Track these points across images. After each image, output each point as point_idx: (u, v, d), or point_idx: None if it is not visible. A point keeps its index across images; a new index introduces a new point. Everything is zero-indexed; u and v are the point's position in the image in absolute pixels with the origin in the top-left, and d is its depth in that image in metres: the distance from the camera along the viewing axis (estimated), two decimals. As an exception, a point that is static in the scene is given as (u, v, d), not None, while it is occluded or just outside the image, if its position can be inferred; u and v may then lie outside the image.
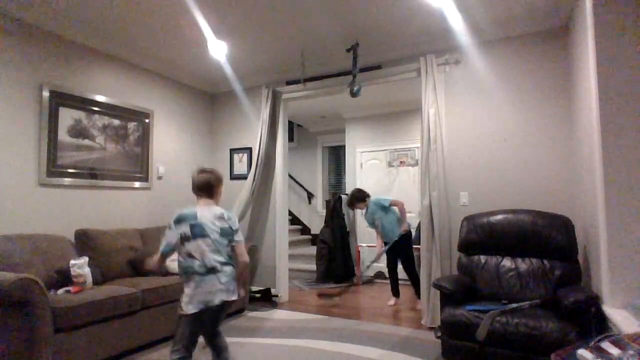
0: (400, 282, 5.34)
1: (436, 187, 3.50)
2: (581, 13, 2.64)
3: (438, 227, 3.45)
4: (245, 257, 2.19)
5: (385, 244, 4.35)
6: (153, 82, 4.33)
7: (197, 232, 2.06)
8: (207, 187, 2.22)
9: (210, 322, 2.17)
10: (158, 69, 4.33)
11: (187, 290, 2.04)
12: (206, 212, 2.14)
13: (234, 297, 2.12)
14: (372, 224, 4.43)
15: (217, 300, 2.04)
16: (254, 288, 4.52)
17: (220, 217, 2.16)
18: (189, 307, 2.02)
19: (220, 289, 2.04)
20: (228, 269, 2.10)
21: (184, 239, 2.05)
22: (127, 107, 3.97)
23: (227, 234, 2.15)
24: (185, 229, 2.05)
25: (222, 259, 2.09)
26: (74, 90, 3.49)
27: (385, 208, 4.31)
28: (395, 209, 4.30)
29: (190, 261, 2.04)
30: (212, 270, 2.04)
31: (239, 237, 2.22)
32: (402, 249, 4.29)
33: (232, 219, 2.23)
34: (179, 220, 2.07)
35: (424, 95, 3.64)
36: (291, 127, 7.67)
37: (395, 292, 4.51)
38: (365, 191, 4.49)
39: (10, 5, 3.00)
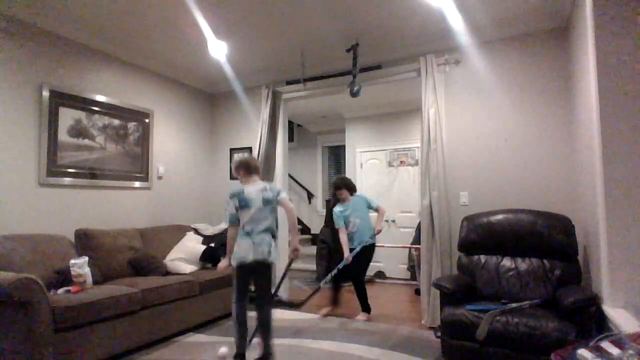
0: (400, 282, 5.34)
1: (436, 187, 3.50)
2: (581, 13, 2.64)
3: (438, 226, 3.46)
4: (289, 206, 2.69)
5: (351, 250, 3.83)
6: (153, 82, 4.33)
7: (242, 204, 2.61)
8: (254, 167, 2.76)
9: (252, 278, 2.67)
10: (158, 69, 4.33)
11: (234, 248, 2.61)
12: (251, 188, 2.66)
13: (269, 258, 2.56)
14: (345, 221, 3.88)
15: (249, 258, 2.53)
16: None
17: (264, 190, 2.65)
18: (232, 261, 2.61)
19: (254, 249, 2.53)
20: (264, 235, 2.58)
21: (236, 209, 2.63)
22: (127, 107, 3.97)
23: (269, 201, 2.63)
24: (236, 202, 2.63)
25: (260, 226, 2.58)
26: (74, 90, 3.49)
27: (370, 208, 3.97)
28: (375, 214, 3.95)
29: (239, 227, 2.64)
30: (248, 235, 2.57)
31: (282, 195, 2.69)
32: (365, 256, 3.86)
33: (274, 188, 2.70)
34: (232, 196, 2.65)
35: (424, 95, 3.64)
36: (291, 127, 7.67)
37: (336, 300, 3.99)
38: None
39: (10, 5, 3.00)
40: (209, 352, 2.96)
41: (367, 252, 3.92)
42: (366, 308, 3.91)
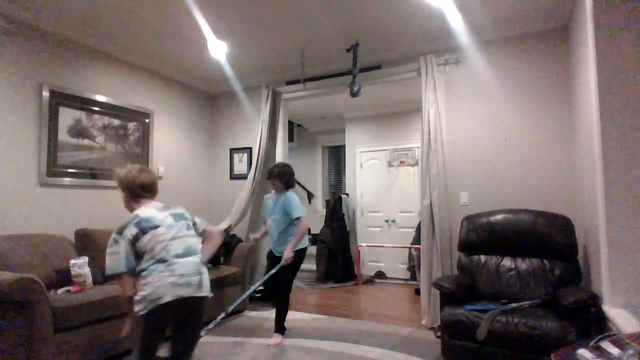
0: (400, 282, 5.34)
1: (436, 187, 3.50)
2: (581, 13, 2.64)
3: (438, 226, 3.46)
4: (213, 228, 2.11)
5: (270, 252, 3.36)
6: (153, 82, 4.33)
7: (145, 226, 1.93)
8: (153, 188, 2.06)
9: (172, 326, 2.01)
10: (158, 69, 4.33)
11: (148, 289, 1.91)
12: (147, 210, 1.96)
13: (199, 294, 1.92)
14: (268, 215, 3.34)
15: (172, 295, 1.85)
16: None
17: (166, 208, 2.01)
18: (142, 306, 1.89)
19: (178, 282, 1.89)
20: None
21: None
22: (127, 107, 3.97)
23: (181, 217, 2.04)
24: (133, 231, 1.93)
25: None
26: (74, 90, 3.49)
27: (290, 212, 3.18)
28: (298, 227, 3.16)
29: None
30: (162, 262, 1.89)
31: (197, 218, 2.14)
32: (284, 267, 3.13)
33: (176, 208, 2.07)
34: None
35: (424, 95, 3.64)
36: (291, 127, 7.66)
37: (281, 325, 3.25)
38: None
39: (10, 5, 3.00)
40: (209, 352, 2.96)
41: (282, 264, 3.11)
42: (281, 329, 3.22)
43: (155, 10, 3.18)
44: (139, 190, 2.00)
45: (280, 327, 3.23)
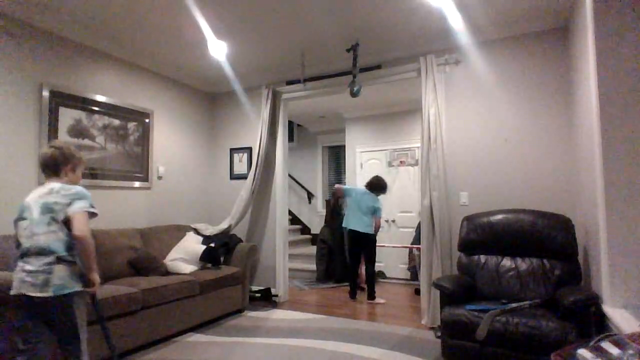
0: (400, 282, 5.35)
1: (436, 187, 3.50)
2: (581, 13, 2.64)
3: (438, 226, 3.45)
4: (78, 229, 1.76)
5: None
6: (153, 82, 4.33)
7: (18, 215, 1.88)
8: (49, 165, 1.92)
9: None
10: (158, 69, 4.33)
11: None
12: (35, 193, 1.88)
13: (34, 293, 1.71)
14: (354, 197, 4.70)
15: (17, 290, 1.75)
16: (254, 288, 4.52)
17: (52, 191, 1.84)
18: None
19: (23, 279, 1.73)
20: (34, 257, 1.75)
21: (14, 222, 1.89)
22: (127, 107, 3.97)
23: (50, 210, 1.80)
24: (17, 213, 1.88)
25: (33, 243, 1.77)
26: (74, 90, 3.49)
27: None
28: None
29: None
30: (21, 257, 1.79)
31: (75, 207, 1.80)
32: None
33: (67, 190, 1.84)
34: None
35: (424, 95, 3.64)
36: (291, 127, 7.67)
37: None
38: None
39: (10, 5, 3.00)
40: (209, 352, 2.96)
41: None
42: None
43: (155, 10, 3.18)
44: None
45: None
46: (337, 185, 4.96)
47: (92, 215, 1.86)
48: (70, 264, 1.79)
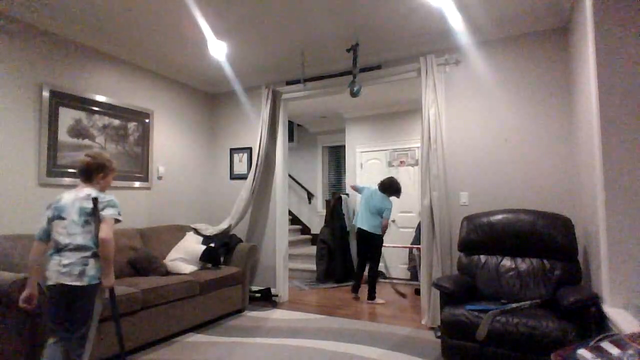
0: (400, 282, 5.35)
1: (436, 187, 3.50)
2: (581, 13, 2.64)
3: (438, 226, 3.45)
4: (103, 234, 2.03)
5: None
6: (153, 82, 4.33)
7: (55, 215, 2.09)
8: (84, 171, 2.18)
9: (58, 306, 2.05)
10: (158, 69, 4.33)
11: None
12: (71, 195, 2.12)
13: (69, 282, 1.98)
14: (365, 196, 4.75)
15: (54, 280, 2.00)
16: (254, 288, 4.52)
17: (87, 198, 2.09)
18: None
19: (60, 270, 1.99)
20: (69, 253, 2.02)
21: (49, 220, 2.10)
22: (127, 107, 3.97)
23: (87, 213, 2.07)
24: (49, 212, 2.11)
25: (72, 241, 2.03)
26: (74, 90, 3.49)
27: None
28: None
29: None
30: (57, 251, 2.04)
31: (105, 213, 2.09)
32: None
33: (99, 198, 2.11)
34: (48, 206, 2.14)
35: (424, 95, 3.64)
36: (291, 127, 7.67)
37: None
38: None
39: (10, 5, 3.00)
40: (209, 352, 2.96)
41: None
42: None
43: (155, 10, 3.18)
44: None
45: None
46: (350, 185, 5.13)
47: (117, 221, 2.15)
48: (99, 259, 2.08)
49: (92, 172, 2.18)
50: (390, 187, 4.63)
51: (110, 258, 2.07)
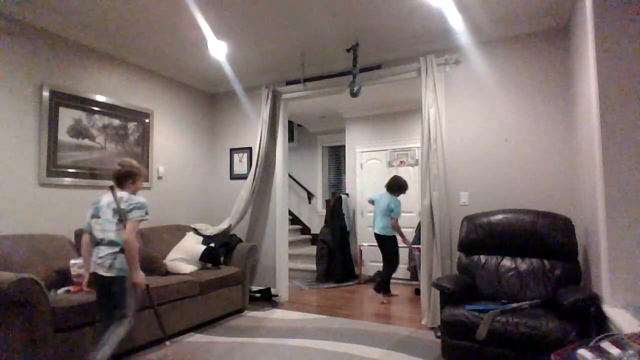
0: (400, 282, 5.36)
1: (436, 187, 3.50)
2: (581, 13, 2.64)
3: (438, 226, 3.45)
4: (126, 234, 2.34)
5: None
6: (153, 82, 4.33)
7: (94, 213, 2.44)
8: (116, 178, 2.51)
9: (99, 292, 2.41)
10: (158, 69, 4.33)
11: None
12: (108, 197, 2.45)
13: (101, 272, 2.31)
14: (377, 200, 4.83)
15: (92, 269, 2.36)
16: (254, 288, 4.52)
17: (120, 200, 2.42)
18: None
19: (96, 262, 2.34)
20: (103, 247, 2.35)
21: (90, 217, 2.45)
22: (127, 107, 3.97)
23: (118, 214, 2.40)
24: (90, 210, 2.46)
25: (105, 237, 2.37)
26: (74, 90, 3.49)
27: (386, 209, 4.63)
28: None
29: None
30: (96, 244, 2.39)
31: (131, 215, 2.39)
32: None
33: (128, 200, 2.42)
34: (91, 205, 2.49)
35: (424, 95, 3.64)
36: (291, 127, 7.67)
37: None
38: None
39: (10, 5, 3.00)
40: (209, 352, 2.96)
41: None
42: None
43: (155, 10, 3.18)
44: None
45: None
46: (368, 200, 5.13)
47: (142, 220, 2.44)
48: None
49: (122, 178, 2.49)
50: (393, 185, 4.68)
51: (133, 256, 2.33)
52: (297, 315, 3.94)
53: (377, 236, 4.71)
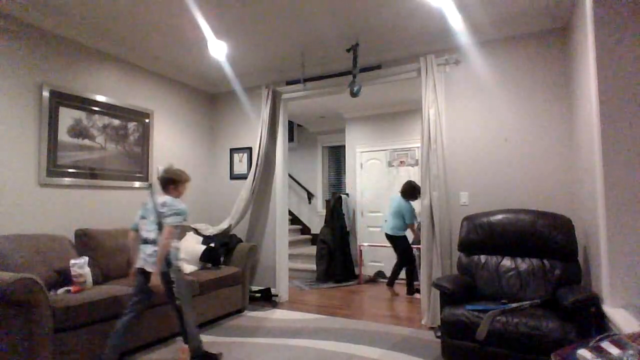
0: (401, 282, 5.35)
1: (436, 187, 3.50)
2: (581, 13, 2.64)
3: (438, 226, 3.45)
4: (161, 238, 2.56)
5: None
6: (153, 82, 4.33)
7: (142, 214, 2.71)
8: (160, 184, 2.80)
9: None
10: (158, 69, 4.33)
11: None
12: (155, 200, 2.69)
13: (147, 269, 2.56)
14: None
15: (139, 265, 2.61)
16: (254, 288, 4.52)
17: (162, 205, 2.64)
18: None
19: (144, 258, 2.60)
20: (149, 246, 2.61)
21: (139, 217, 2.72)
22: (127, 107, 3.97)
23: (160, 217, 2.63)
24: (139, 211, 2.73)
25: (149, 237, 2.63)
26: (74, 90, 3.49)
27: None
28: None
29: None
30: (143, 242, 2.64)
31: (168, 220, 2.59)
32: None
33: (169, 206, 2.63)
34: (141, 206, 2.75)
35: (424, 95, 3.64)
36: (291, 127, 7.67)
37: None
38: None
39: (10, 5, 3.00)
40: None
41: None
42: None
43: (155, 11, 3.18)
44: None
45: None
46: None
47: (178, 226, 2.63)
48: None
49: (166, 185, 2.75)
50: (405, 192, 4.85)
51: (159, 259, 2.53)
52: (297, 315, 3.94)
53: (387, 236, 4.88)
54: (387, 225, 4.89)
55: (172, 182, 2.76)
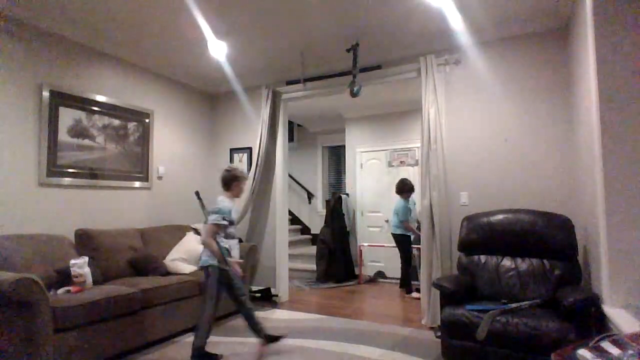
0: (399, 281, 5.35)
1: (436, 187, 3.50)
2: (581, 13, 2.64)
3: (438, 227, 3.45)
4: (201, 237, 2.77)
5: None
6: (153, 82, 4.33)
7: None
8: (222, 183, 2.88)
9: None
10: (158, 69, 4.33)
11: None
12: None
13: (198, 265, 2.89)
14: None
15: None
16: (254, 288, 4.52)
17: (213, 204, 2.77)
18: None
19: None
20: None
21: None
22: (127, 107, 3.97)
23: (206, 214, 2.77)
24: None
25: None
26: (74, 90, 3.49)
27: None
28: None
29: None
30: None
31: (209, 217, 2.72)
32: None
33: (213, 205, 2.77)
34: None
35: (424, 96, 3.64)
36: (291, 127, 7.66)
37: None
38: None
39: (11, 5, 3.00)
40: (209, 351, 2.95)
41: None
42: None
43: (155, 11, 3.18)
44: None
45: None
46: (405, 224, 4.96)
47: (217, 225, 2.71)
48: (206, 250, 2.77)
49: (226, 183, 2.85)
50: (399, 188, 5.01)
51: (213, 252, 2.69)
52: (297, 315, 3.94)
53: (392, 235, 5.04)
54: (392, 224, 5.07)
55: (233, 180, 2.86)
